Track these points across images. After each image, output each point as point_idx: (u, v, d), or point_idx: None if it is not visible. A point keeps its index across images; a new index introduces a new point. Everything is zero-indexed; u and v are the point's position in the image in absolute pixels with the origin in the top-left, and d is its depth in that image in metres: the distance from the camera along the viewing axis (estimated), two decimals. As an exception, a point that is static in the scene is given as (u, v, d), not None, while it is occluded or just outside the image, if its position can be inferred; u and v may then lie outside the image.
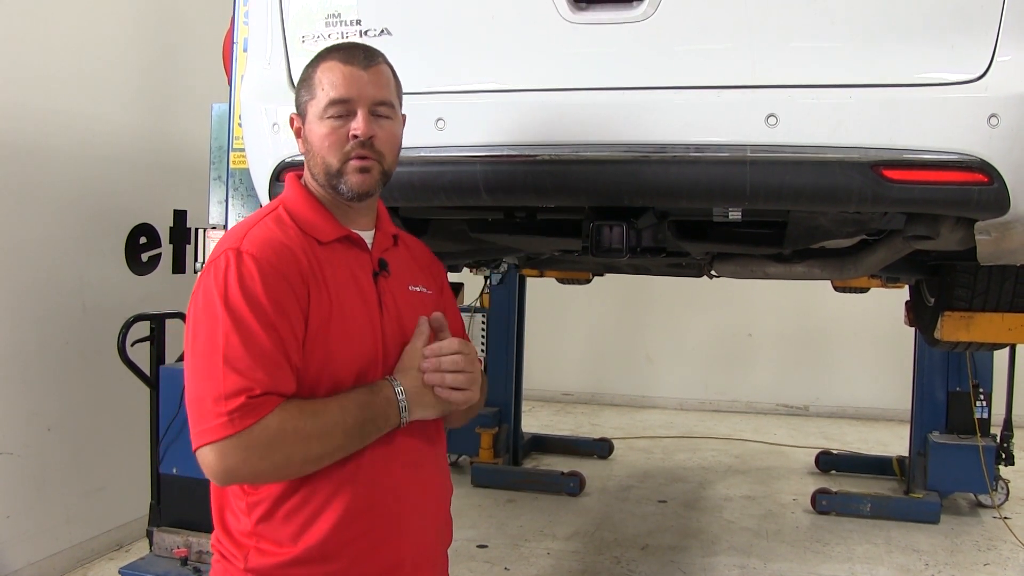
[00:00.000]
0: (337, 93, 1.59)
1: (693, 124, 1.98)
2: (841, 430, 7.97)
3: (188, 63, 5.00)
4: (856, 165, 1.89)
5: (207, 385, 1.43)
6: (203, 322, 1.47)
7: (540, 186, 2.09)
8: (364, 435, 1.53)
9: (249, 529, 1.56)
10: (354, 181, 1.61)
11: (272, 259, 1.51)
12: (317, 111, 1.61)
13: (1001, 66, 1.85)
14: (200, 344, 1.47)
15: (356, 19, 2.20)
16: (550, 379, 8.95)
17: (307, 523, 1.54)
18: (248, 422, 1.41)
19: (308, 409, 1.47)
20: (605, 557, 4.62)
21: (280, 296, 1.48)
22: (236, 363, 1.42)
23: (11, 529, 3.95)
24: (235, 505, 1.58)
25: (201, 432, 1.43)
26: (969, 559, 4.65)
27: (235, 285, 1.46)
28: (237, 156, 3.35)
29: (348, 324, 1.57)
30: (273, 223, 1.59)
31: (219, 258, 1.51)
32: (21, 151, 4.02)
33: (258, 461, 1.44)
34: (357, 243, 1.66)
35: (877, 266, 2.75)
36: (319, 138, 1.61)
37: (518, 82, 2.10)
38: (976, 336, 2.97)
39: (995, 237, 2.06)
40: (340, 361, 1.55)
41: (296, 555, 1.53)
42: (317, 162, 1.62)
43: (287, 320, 1.48)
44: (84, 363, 4.34)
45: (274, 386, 1.44)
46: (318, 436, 1.47)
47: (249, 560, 1.55)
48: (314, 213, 1.64)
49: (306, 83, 1.65)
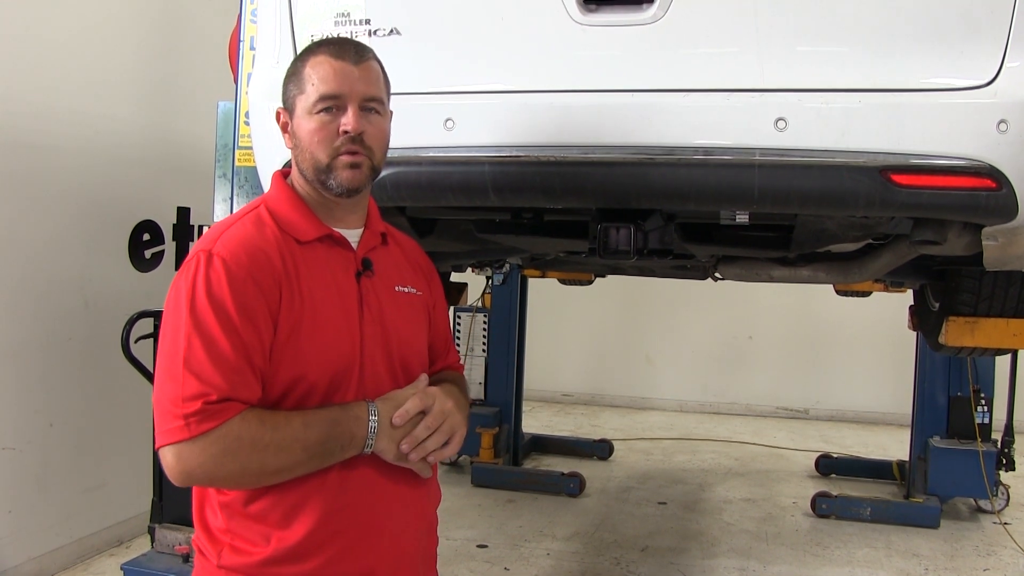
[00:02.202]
0: (328, 88, 1.57)
1: (702, 127, 1.98)
2: (841, 433, 7.97)
3: (192, 61, 5.01)
4: (865, 170, 1.89)
5: (169, 387, 1.44)
6: (170, 323, 1.48)
7: (548, 187, 2.09)
8: (326, 453, 1.51)
9: (224, 526, 1.56)
10: (344, 177, 1.59)
11: (243, 262, 1.49)
12: (306, 106, 1.59)
13: (1010, 72, 1.85)
14: (166, 345, 1.47)
15: (365, 18, 2.20)
16: (550, 380, 8.95)
17: (280, 523, 1.53)
18: (205, 427, 1.41)
19: (269, 421, 1.46)
20: (605, 558, 4.62)
21: (247, 301, 1.47)
22: (195, 367, 1.42)
23: (12, 524, 3.95)
24: (212, 501, 1.58)
25: (161, 432, 1.44)
26: (969, 564, 4.65)
27: (202, 289, 1.46)
28: (242, 154, 3.35)
29: (322, 327, 1.55)
30: (251, 223, 1.58)
31: (191, 260, 1.50)
32: (24, 148, 4.02)
33: (214, 467, 1.43)
34: (340, 242, 1.64)
35: (882, 270, 2.76)
36: (308, 133, 1.59)
37: (527, 83, 2.11)
38: (980, 341, 2.97)
39: (1002, 243, 2.07)
40: (312, 364, 1.54)
41: (268, 555, 1.52)
42: (305, 157, 1.61)
43: (253, 326, 1.47)
44: (86, 359, 4.34)
45: (233, 392, 1.43)
46: (276, 449, 1.46)
47: (223, 557, 1.55)
48: (295, 212, 1.62)
49: (294, 77, 1.63)
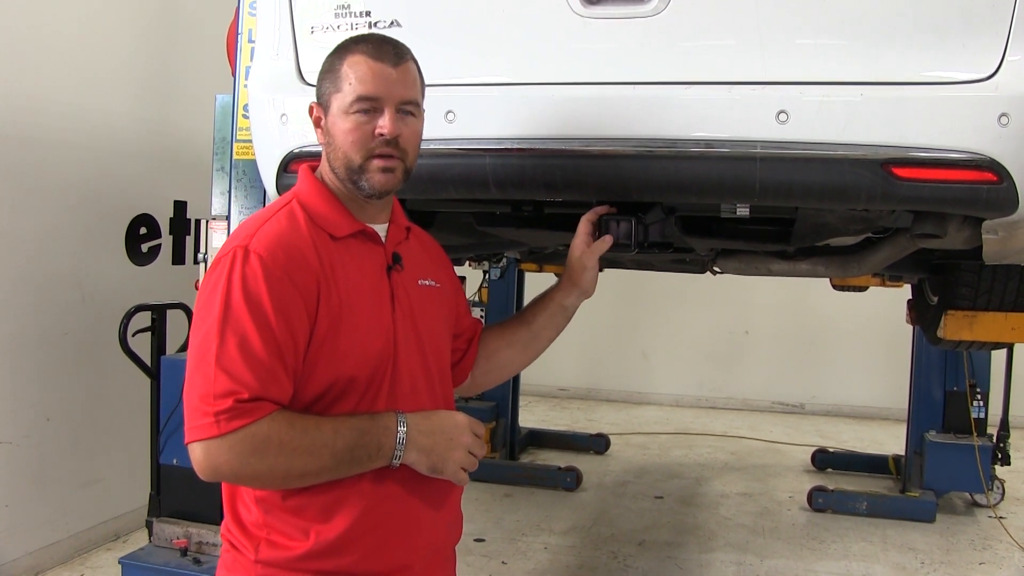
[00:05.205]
0: (365, 90, 1.57)
1: (703, 120, 1.97)
2: (837, 428, 8.00)
3: (190, 54, 4.99)
4: (866, 163, 1.89)
5: (200, 383, 1.43)
6: (204, 318, 1.47)
7: (549, 180, 2.08)
8: (353, 461, 1.50)
9: (259, 520, 1.55)
10: (377, 180, 1.59)
11: (280, 260, 1.48)
12: (343, 105, 1.58)
13: (1012, 65, 1.84)
14: (198, 340, 1.46)
15: (366, 10, 2.19)
16: (546, 375, 8.94)
17: (319, 517, 1.53)
18: (234, 425, 1.40)
19: (299, 424, 1.46)
20: (602, 552, 4.63)
21: (283, 300, 1.46)
22: (227, 365, 1.42)
23: (9, 519, 3.95)
24: (246, 495, 1.57)
25: (191, 428, 1.44)
26: (964, 558, 4.68)
27: (238, 286, 1.45)
28: (240, 147, 3.34)
29: (359, 323, 1.55)
30: (285, 218, 1.56)
31: (226, 255, 1.49)
32: (21, 142, 4.00)
33: (241, 466, 1.43)
34: (371, 237, 1.65)
35: (881, 264, 2.76)
36: (343, 133, 1.58)
37: (528, 75, 2.10)
38: (979, 335, 2.97)
39: (1002, 236, 2.07)
40: (351, 360, 1.53)
41: (308, 549, 1.52)
42: (338, 156, 1.60)
43: (288, 325, 1.46)
44: (83, 354, 4.33)
45: (264, 392, 1.43)
46: (304, 453, 1.45)
47: (260, 552, 1.54)
48: (328, 207, 1.61)
49: (331, 74, 1.62)
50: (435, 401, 1.68)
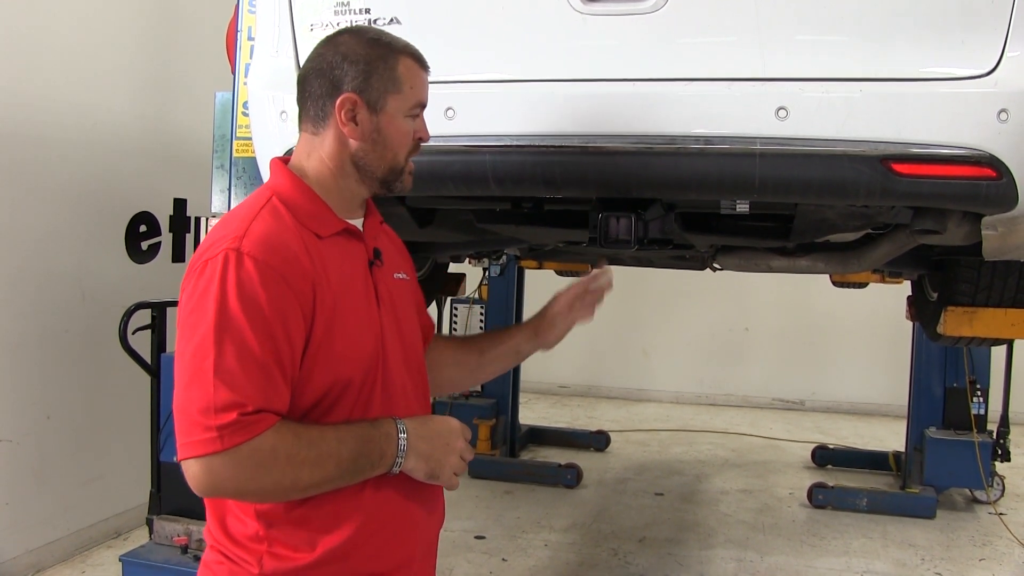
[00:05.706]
0: (422, 97, 1.61)
1: (703, 116, 1.98)
2: (837, 425, 7.99)
3: (189, 51, 4.99)
4: (865, 159, 1.89)
5: (197, 395, 1.35)
6: (196, 325, 1.38)
7: (549, 177, 2.08)
8: (356, 470, 1.46)
9: (261, 534, 1.49)
10: (408, 182, 1.64)
11: (275, 262, 1.41)
12: (403, 107, 1.57)
13: (1011, 61, 1.85)
14: (192, 348, 1.38)
15: (365, 7, 2.19)
16: (546, 372, 8.94)
17: (324, 528, 1.49)
18: (239, 439, 1.34)
19: (305, 436, 1.41)
20: (602, 549, 4.63)
21: (282, 305, 1.40)
22: (228, 376, 1.34)
23: (9, 516, 3.95)
24: (239, 510, 1.51)
25: (188, 444, 1.36)
26: (965, 554, 4.68)
27: (233, 291, 1.37)
28: (240, 144, 3.34)
29: (351, 323, 1.51)
30: (271, 216, 1.48)
31: (217, 257, 1.40)
32: (20, 139, 4.00)
33: (246, 481, 1.38)
34: (355, 234, 1.60)
35: (881, 260, 2.76)
36: (402, 134, 1.58)
37: (528, 72, 2.10)
38: (979, 331, 2.97)
39: (1002, 232, 2.07)
40: (347, 361, 1.50)
41: (315, 559, 1.48)
42: (385, 156, 1.57)
43: (286, 332, 1.40)
44: (83, 351, 4.33)
45: (267, 403, 1.37)
46: (311, 464, 1.40)
47: (264, 565, 1.48)
48: (313, 204, 1.55)
49: (385, 74, 1.54)
50: (419, 398, 1.67)
